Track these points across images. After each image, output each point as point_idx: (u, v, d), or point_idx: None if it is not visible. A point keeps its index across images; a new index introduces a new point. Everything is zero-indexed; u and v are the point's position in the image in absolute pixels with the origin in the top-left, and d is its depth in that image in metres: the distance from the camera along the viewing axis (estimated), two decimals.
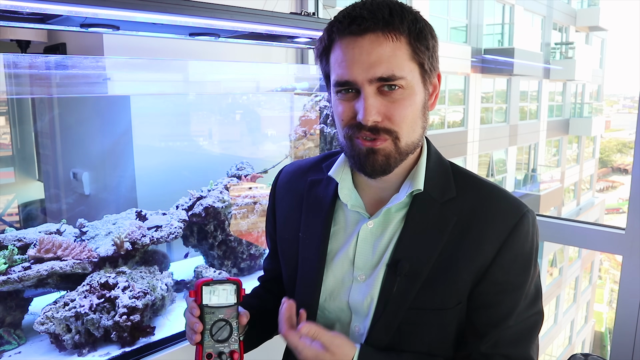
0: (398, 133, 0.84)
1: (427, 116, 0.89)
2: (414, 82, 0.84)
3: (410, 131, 0.85)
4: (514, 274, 0.88)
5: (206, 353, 0.87)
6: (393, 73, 0.81)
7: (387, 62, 0.81)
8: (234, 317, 0.90)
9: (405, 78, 0.82)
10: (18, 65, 1.54)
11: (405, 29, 0.82)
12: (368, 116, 0.82)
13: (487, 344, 0.88)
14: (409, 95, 0.84)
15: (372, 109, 0.82)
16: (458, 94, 13.10)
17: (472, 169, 13.39)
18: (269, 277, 1.17)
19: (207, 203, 1.85)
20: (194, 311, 0.89)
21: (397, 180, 0.93)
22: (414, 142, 0.87)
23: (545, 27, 15.73)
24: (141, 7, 1.31)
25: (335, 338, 0.85)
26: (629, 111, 22.66)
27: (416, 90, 0.84)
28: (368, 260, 0.93)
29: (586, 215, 16.97)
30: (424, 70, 0.85)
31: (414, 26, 0.82)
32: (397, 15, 0.81)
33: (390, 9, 0.82)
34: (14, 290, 1.42)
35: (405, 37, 0.82)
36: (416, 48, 0.83)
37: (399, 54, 0.82)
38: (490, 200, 0.90)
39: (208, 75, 2.13)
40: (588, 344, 15.88)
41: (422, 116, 0.87)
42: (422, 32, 0.83)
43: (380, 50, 0.81)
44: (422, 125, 0.88)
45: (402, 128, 0.84)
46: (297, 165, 1.10)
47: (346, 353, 0.85)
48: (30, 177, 2.52)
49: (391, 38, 0.81)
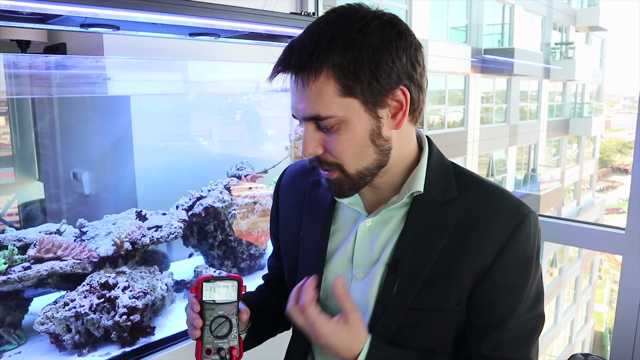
0: (341, 165, 0.85)
1: (385, 139, 0.85)
2: (350, 115, 0.80)
3: (357, 160, 0.84)
4: (514, 275, 0.88)
5: (205, 348, 0.88)
6: (318, 114, 0.80)
7: (313, 103, 0.80)
8: (234, 314, 0.90)
9: (335, 115, 0.80)
10: (18, 65, 1.54)
11: (329, 67, 0.78)
12: (306, 150, 0.84)
13: (487, 346, 0.88)
14: (345, 129, 0.81)
15: (308, 145, 0.84)
16: (458, 94, 13.11)
17: (472, 169, 13.38)
18: (273, 276, 1.18)
19: (207, 203, 1.85)
20: (194, 307, 0.89)
21: (398, 181, 0.92)
22: (367, 167, 0.85)
23: (545, 27, 15.74)
24: (141, 7, 1.31)
25: (357, 311, 0.86)
26: (629, 111, 22.68)
27: (354, 123, 0.81)
28: (366, 258, 0.93)
29: (586, 215, 16.98)
30: (363, 100, 0.80)
31: (341, 58, 0.77)
32: (319, 54, 0.77)
33: (315, 45, 0.78)
34: (14, 290, 1.42)
35: (331, 74, 0.78)
36: (344, 84, 0.78)
37: (324, 93, 0.79)
38: (492, 201, 0.90)
39: (208, 75, 2.13)
40: (588, 344, 15.88)
41: (372, 143, 0.84)
42: (352, 63, 0.77)
43: (305, 91, 0.80)
44: (377, 150, 0.85)
45: (344, 160, 0.84)
46: (300, 165, 1.11)
47: (360, 334, 0.85)
48: (30, 177, 2.52)
49: (309, 81, 0.79)
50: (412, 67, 0.82)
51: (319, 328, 0.84)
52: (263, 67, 0.88)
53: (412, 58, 0.82)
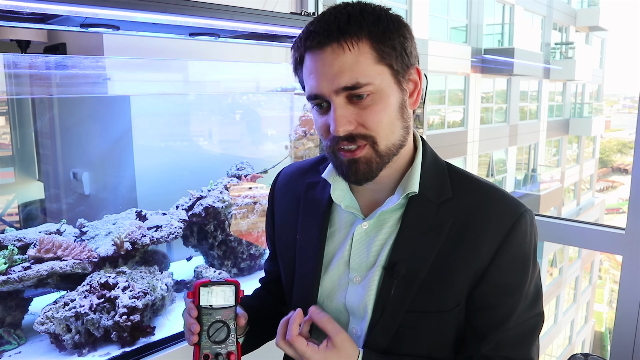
0: (375, 137, 0.83)
1: (408, 115, 0.87)
2: (384, 84, 0.82)
3: (389, 133, 0.84)
4: (512, 275, 0.88)
5: (203, 354, 0.87)
6: (357, 81, 0.80)
7: (350, 71, 0.80)
8: (232, 319, 0.90)
9: (373, 83, 0.80)
10: (18, 65, 1.54)
11: (365, 34, 0.80)
12: (339, 127, 0.82)
13: (487, 346, 0.88)
14: (380, 99, 0.82)
15: (342, 120, 0.81)
16: (458, 94, 13.10)
17: (472, 169, 13.38)
18: (270, 279, 1.17)
19: (207, 203, 1.85)
20: (191, 312, 0.89)
21: (392, 183, 0.92)
22: (394, 143, 0.86)
23: (545, 27, 15.74)
24: (141, 7, 1.32)
25: (341, 332, 0.85)
26: (629, 111, 22.68)
27: (388, 92, 0.82)
28: (363, 261, 0.92)
29: (586, 215, 16.98)
30: (394, 71, 0.83)
31: (375, 28, 0.80)
32: (355, 22, 0.80)
33: (348, 16, 0.80)
34: (14, 290, 1.42)
35: (367, 41, 0.80)
36: (381, 50, 0.81)
37: (361, 60, 0.80)
38: (487, 201, 0.90)
39: (208, 75, 2.13)
40: (588, 344, 15.88)
41: (401, 117, 0.85)
42: (385, 32, 0.81)
43: (341, 60, 0.80)
44: (403, 125, 0.86)
45: (379, 132, 0.83)
46: (295, 167, 1.10)
47: (351, 353, 0.85)
48: (30, 177, 2.52)
49: (349, 46, 0.80)
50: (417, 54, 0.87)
51: (309, 358, 0.84)
52: (263, 67, 0.88)
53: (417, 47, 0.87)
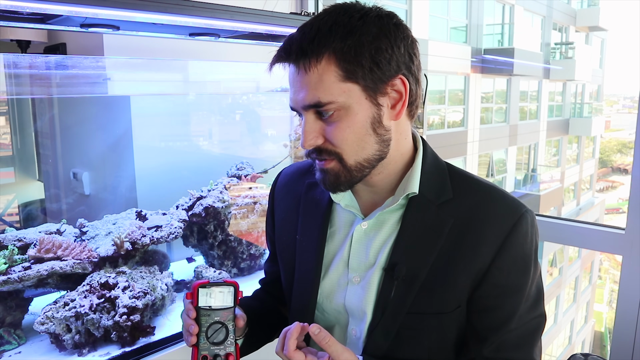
0: (341, 154, 0.84)
1: (384, 129, 0.84)
2: (351, 101, 0.80)
3: (357, 149, 0.83)
4: (513, 276, 0.87)
5: (201, 355, 0.87)
6: (318, 100, 0.80)
7: (313, 89, 0.79)
8: (230, 320, 0.89)
9: (336, 101, 0.80)
10: (18, 65, 1.54)
11: (331, 52, 0.78)
12: (305, 141, 0.83)
13: (489, 348, 0.87)
14: (346, 115, 0.81)
15: (309, 134, 0.83)
16: (458, 94, 13.10)
17: (472, 169, 13.37)
18: (270, 280, 1.17)
19: (207, 203, 1.85)
20: (190, 313, 0.88)
21: (392, 183, 0.92)
22: (367, 158, 0.85)
23: (545, 27, 15.74)
24: (141, 7, 1.32)
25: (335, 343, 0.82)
26: (628, 111, 22.69)
27: (356, 110, 0.81)
28: (362, 262, 0.92)
29: (586, 215, 16.97)
30: (364, 87, 0.80)
31: (342, 44, 0.78)
32: (320, 40, 0.78)
33: (316, 31, 0.79)
34: (14, 290, 1.42)
35: (332, 59, 0.78)
36: (346, 69, 0.79)
37: (325, 79, 0.79)
38: (488, 201, 0.89)
39: (208, 75, 2.13)
40: (588, 344, 15.88)
41: (373, 132, 0.83)
42: (353, 49, 0.78)
43: (305, 78, 0.80)
44: (378, 140, 0.84)
45: (344, 149, 0.83)
46: (295, 168, 1.10)
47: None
48: (30, 177, 2.52)
49: (306, 68, 0.79)
50: (409, 58, 0.83)
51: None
52: (263, 67, 0.88)
53: (409, 50, 0.83)
